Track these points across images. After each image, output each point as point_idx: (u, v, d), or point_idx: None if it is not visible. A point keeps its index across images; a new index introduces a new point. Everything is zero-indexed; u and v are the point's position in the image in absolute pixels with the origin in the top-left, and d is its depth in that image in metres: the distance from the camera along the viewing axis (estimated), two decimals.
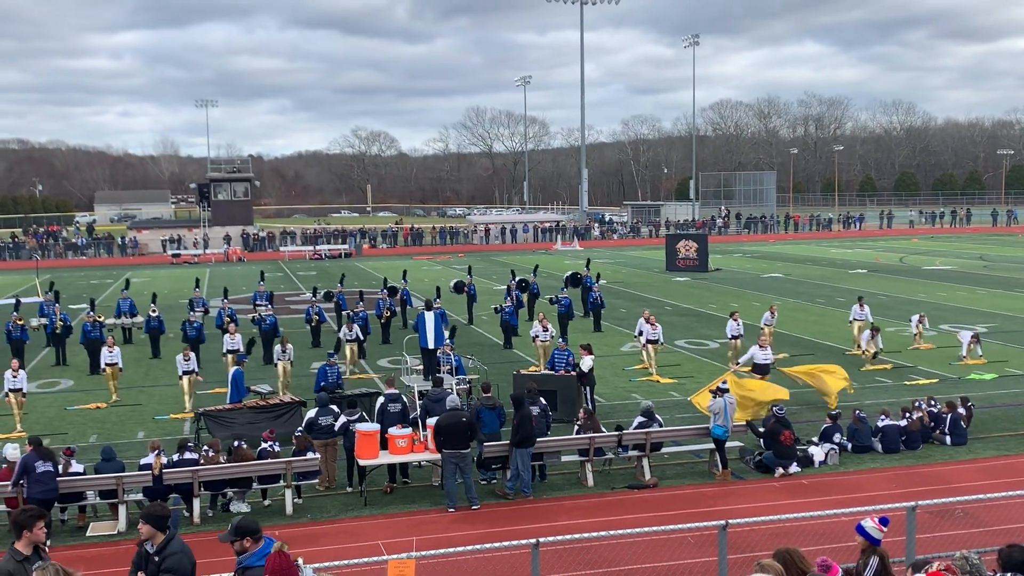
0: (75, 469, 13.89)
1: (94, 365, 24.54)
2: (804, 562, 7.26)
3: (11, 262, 64.93)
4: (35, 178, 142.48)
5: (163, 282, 47.65)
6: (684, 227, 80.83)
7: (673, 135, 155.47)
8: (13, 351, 24.78)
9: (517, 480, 14.58)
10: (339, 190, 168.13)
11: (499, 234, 78.62)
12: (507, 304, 27.69)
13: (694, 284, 43.77)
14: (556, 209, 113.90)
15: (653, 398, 19.67)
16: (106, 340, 23.18)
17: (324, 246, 68.57)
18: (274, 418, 17.53)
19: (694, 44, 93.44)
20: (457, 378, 18.72)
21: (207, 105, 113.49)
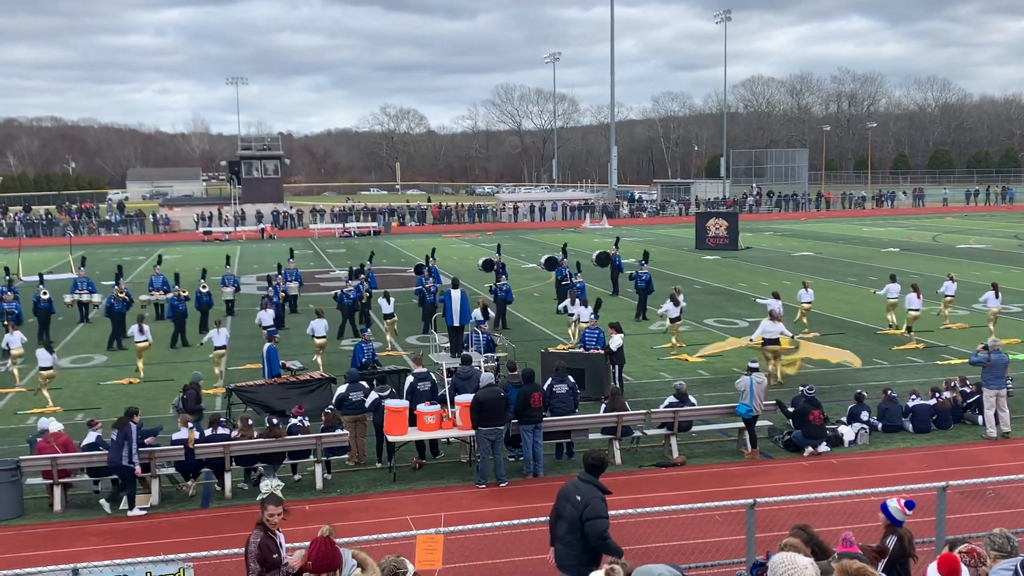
0: (88, 440, 14.07)
1: (115, 339, 24.82)
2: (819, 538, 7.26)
3: (45, 239, 65.72)
4: (68, 155, 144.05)
5: (195, 259, 48.03)
6: (714, 205, 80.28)
7: (704, 112, 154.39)
8: (41, 323, 25.11)
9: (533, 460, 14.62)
10: (368, 168, 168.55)
11: (527, 212, 78.49)
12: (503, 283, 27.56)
13: (724, 263, 43.51)
14: (585, 187, 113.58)
15: (682, 377, 19.65)
16: (138, 317, 23.45)
17: (353, 224, 68.78)
18: (304, 394, 17.66)
19: (726, 20, 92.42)
20: (485, 356, 18.76)
21: (237, 83, 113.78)
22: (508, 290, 27.36)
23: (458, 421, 14.63)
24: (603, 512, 8.42)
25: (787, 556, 6.21)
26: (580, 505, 8.46)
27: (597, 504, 8.44)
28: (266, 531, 7.87)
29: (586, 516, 8.38)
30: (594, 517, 8.36)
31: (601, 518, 8.37)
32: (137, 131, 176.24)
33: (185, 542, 11.93)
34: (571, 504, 8.57)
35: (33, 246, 57.87)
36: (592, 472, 8.73)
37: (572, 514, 8.52)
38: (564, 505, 8.67)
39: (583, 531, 8.42)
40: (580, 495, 8.54)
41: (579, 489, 8.61)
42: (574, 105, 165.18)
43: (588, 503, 8.42)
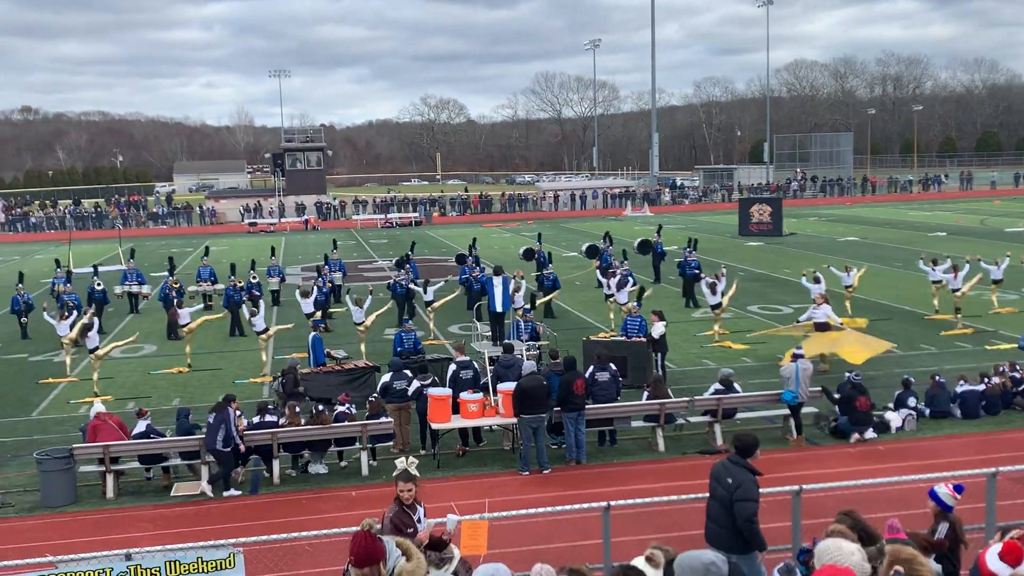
0: (139, 430, 14.35)
1: (173, 328, 25.27)
2: (868, 525, 7.21)
3: (95, 231, 66.81)
4: (116, 149, 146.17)
5: (240, 250, 48.60)
6: (758, 191, 79.52)
7: (746, 97, 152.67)
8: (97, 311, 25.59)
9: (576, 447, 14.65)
10: (409, 158, 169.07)
11: (568, 201, 78.29)
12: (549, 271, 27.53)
13: (768, 249, 43.12)
14: (626, 175, 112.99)
15: (726, 364, 19.54)
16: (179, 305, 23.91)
17: (395, 214, 69.12)
18: (349, 382, 17.88)
19: (768, 3, 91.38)
20: (527, 344, 18.81)
21: (280, 75, 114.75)
22: (555, 279, 27.34)
23: (500, 409, 14.71)
24: (754, 495, 8.48)
25: (833, 542, 6.18)
26: (731, 487, 8.52)
27: (748, 486, 8.50)
28: (401, 505, 8.16)
29: (736, 497, 8.44)
30: (744, 499, 8.41)
31: (751, 500, 8.43)
32: (183, 124, 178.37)
33: (234, 527, 12.13)
34: (722, 486, 8.62)
35: (83, 239, 58.88)
36: (742, 454, 8.75)
37: (723, 495, 8.58)
38: (715, 486, 8.73)
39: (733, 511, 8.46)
40: (731, 477, 8.59)
41: (729, 471, 8.65)
42: (614, 92, 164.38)
43: (739, 485, 8.49)
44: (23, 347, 25.00)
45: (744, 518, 8.40)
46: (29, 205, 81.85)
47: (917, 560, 6.10)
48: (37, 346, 24.95)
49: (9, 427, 17.66)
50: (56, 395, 19.94)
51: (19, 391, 20.30)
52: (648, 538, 11.08)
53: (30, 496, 13.88)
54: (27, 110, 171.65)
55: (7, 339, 26.05)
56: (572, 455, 14.64)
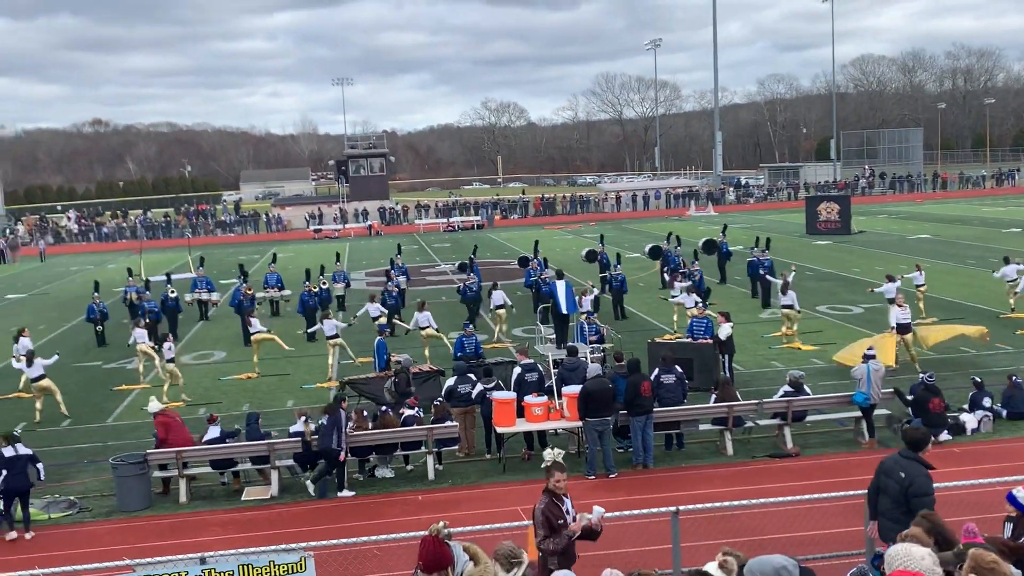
0: (211, 436, 14.58)
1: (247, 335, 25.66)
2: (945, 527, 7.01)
3: (165, 240, 68.33)
4: (184, 160, 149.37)
5: (305, 257, 49.26)
6: (825, 188, 78.23)
7: (812, 93, 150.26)
8: (169, 321, 26.16)
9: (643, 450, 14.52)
10: (470, 162, 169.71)
11: (630, 201, 77.88)
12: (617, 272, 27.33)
13: (836, 247, 42.38)
14: (689, 174, 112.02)
15: (795, 365, 19.24)
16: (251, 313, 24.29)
17: (457, 218, 69.46)
18: (415, 386, 17.95)
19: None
20: (591, 347, 18.72)
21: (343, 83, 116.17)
22: (623, 280, 27.21)
23: (565, 412, 14.65)
24: (930, 489, 8.44)
25: (903, 547, 6.05)
26: (904, 481, 8.49)
27: (923, 481, 8.45)
28: (552, 496, 8.31)
29: (913, 493, 8.40)
30: (921, 494, 8.36)
31: (928, 495, 8.36)
32: (249, 134, 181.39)
33: (304, 532, 12.26)
34: (893, 480, 8.59)
35: (154, 248, 60.27)
36: (914, 448, 8.69)
37: (895, 489, 8.54)
38: (886, 481, 8.68)
39: (908, 506, 8.38)
40: (903, 471, 8.55)
41: (901, 465, 8.61)
42: (676, 91, 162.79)
43: (913, 480, 8.45)
44: (98, 355, 25.63)
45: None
46: (101, 215, 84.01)
47: (1000, 566, 5.92)
48: (111, 354, 25.55)
49: (85, 433, 18.11)
50: (130, 401, 20.39)
51: (94, 398, 20.81)
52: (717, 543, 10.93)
53: (107, 501, 14.20)
54: (98, 122, 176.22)
55: (83, 347, 26.73)
56: (639, 459, 14.52)
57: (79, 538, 12.94)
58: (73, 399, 20.30)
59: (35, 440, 17.76)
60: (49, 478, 14.91)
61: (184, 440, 14.51)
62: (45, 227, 72.26)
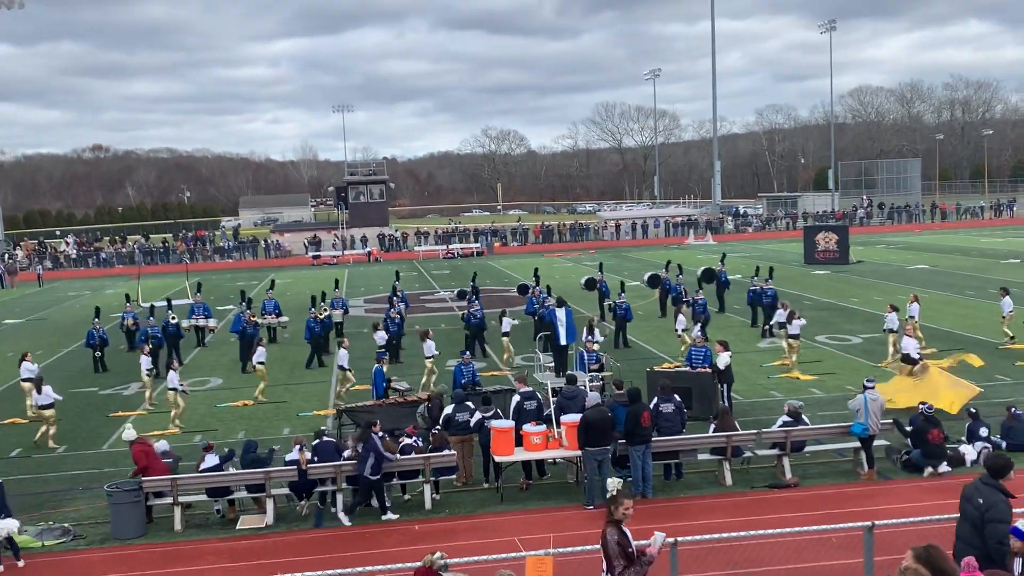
0: (208, 464, 14.49)
1: (246, 361, 25.59)
2: (946, 561, 6.93)
3: (163, 266, 68.31)
4: (183, 185, 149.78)
5: (304, 283, 49.24)
6: (823, 218, 78.40)
7: (810, 124, 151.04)
8: (170, 347, 26.08)
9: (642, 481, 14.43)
10: (470, 189, 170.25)
11: (630, 230, 78.03)
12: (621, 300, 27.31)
13: (835, 277, 42.40)
14: (688, 203, 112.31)
15: (793, 395, 19.19)
16: (257, 340, 24.22)
17: (456, 245, 69.53)
18: (411, 414, 17.86)
19: (831, 29, 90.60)
20: (590, 375, 18.66)
21: (344, 110, 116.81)
22: (627, 308, 27.12)
23: (564, 441, 14.58)
24: (1006, 516, 8.36)
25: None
26: (982, 508, 8.42)
27: (1000, 507, 8.39)
28: (619, 526, 8.32)
29: (989, 518, 8.33)
30: (995, 520, 8.29)
31: (1002, 522, 8.30)
32: (248, 160, 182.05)
33: (299, 561, 12.14)
34: (972, 506, 8.52)
35: (152, 273, 60.24)
36: (995, 475, 8.63)
37: (973, 515, 8.46)
38: (965, 506, 8.62)
39: (984, 532, 8.34)
40: (982, 497, 8.48)
41: (981, 491, 8.55)
42: (675, 121, 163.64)
43: (990, 506, 8.37)
44: (94, 381, 25.53)
45: (995, 539, 8.26)
46: (100, 240, 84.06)
47: None
48: (108, 380, 25.47)
49: (80, 460, 18.00)
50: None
51: (90, 424, 20.71)
52: (716, 574, 10.86)
53: (101, 528, 14.09)
54: (98, 148, 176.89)
55: (79, 373, 26.64)
56: (638, 489, 14.42)
57: (72, 566, 12.83)
58: (69, 425, 20.20)
59: (30, 466, 17.70)
60: (44, 505, 14.81)
61: (160, 469, 14.45)
62: (44, 252, 72.27)
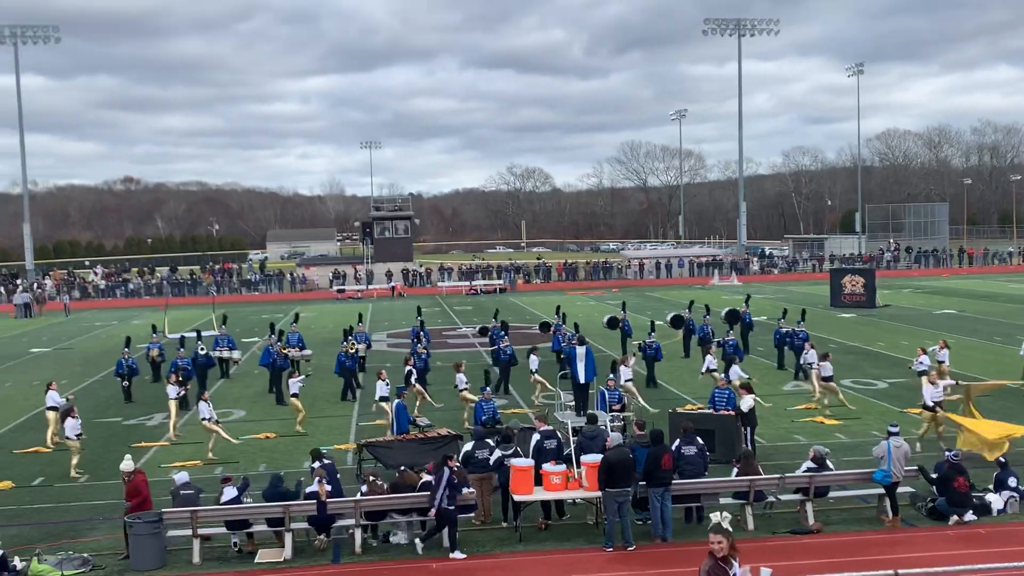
0: (228, 496, 14.49)
1: (277, 392, 25.66)
2: None
3: (190, 298, 68.83)
4: (212, 218, 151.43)
5: (328, 316, 49.46)
6: (850, 261, 78.01)
7: (837, 166, 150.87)
8: (200, 378, 26.22)
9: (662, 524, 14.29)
10: (494, 226, 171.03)
11: (653, 269, 77.95)
12: (651, 340, 27.21)
13: (861, 320, 42.09)
14: (713, 243, 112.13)
15: (818, 440, 19.01)
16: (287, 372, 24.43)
17: (480, 281, 69.67)
18: (433, 450, 17.81)
19: (858, 72, 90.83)
20: (611, 415, 18.57)
21: (371, 147, 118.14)
22: (658, 347, 26.99)
23: (584, 482, 14.48)
24: None
25: None
26: None
27: None
28: (714, 558, 8.29)
29: None
30: None
31: None
32: (277, 194, 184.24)
33: None
34: None
35: (179, 305, 60.70)
36: None
37: None
38: None
39: None
40: None
41: None
42: (701, 161, 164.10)
43: None
44: (118, 411, 25.67)
45: None
46: (128, 272, 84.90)
47: None
48: (132, 410, 25.60)
49: (101, 490, 18.06)
50: (148, 459, 20.35)
51: (113, 454, 20.76)
52: None
53: (120, 559, 14.08)
54: (129, 180, 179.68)
55: (104, 403, 26.80)
56: (658, 532, 14.28)
57: None
58: (92, 455, 20.29)
59: (52, 495, 17.79)
60: (63, 534, 14.85)
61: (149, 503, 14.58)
62: (72, 282, 73.04)
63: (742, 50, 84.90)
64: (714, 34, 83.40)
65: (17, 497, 17.69)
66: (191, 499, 14.69)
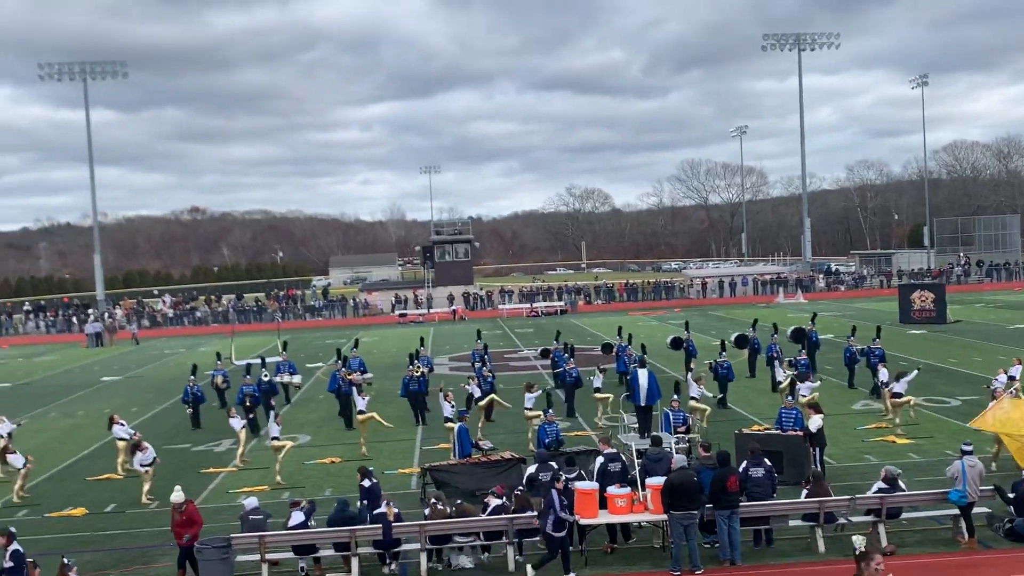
0: (295, 521, 14.58)
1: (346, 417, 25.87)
2: None
3: (255, 324, 69.92)
4: (276, 245, 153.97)
5: (391, 341, 49.81)
6: (919, 276, 76.38)
7: (903, 179, 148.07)
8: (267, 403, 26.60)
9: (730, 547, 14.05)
10: (554, 248, 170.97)
11: (716, 287, 77.15)
12: (723, 359, 26.86)
13: (932, 337, 41.12)
14: (777, 260, 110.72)
15: (889, 460, 18.56)
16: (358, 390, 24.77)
17: (540, 303, 69.63)
18: (496, 474, 17.80)
19: (922, 84, 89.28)
20: (676, 437, 18.36)
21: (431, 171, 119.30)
22: (729, 367, 26.63)
23: (649, 504, 14.32)
24: None
25: None
26: None
27: None
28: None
29: None
30: None
31: None
32: (339, 220, 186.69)
33: None
34: None
35: (245, 331, 61.68)
36: None
37: None
38: None
39: None
40: None
41: None
42: (763, 177, 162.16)
43: None
44: (187, 437, 26.09)
45: None
46: (195, 300, 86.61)
47: None
48: (200, 437, 26.00)
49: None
50: (216, 485, 20.64)
51: (182, 480, 20.98)
52: None
53: None
54: (196, 210, 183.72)
55: (173, 429, 27.27)
56: (726, 555, 14.05)
57: None
58: (162, 481, 20.59)
59: (123, 521, 18.11)
60: (135, 560, 15.08)
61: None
62: (141, 311, 74.72)
63: (803, 64, 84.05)
64: (773, 49, 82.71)
65: (90, 523, 18.05)
66: (259, 524, 14.81)
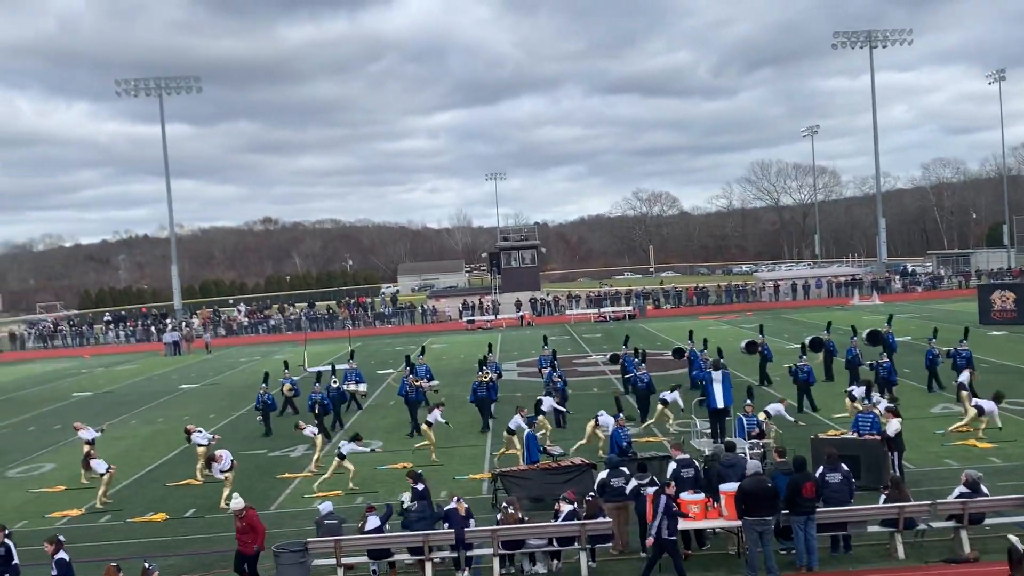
0: (371, 525, 14.71)
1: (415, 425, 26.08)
2: None
3: (327, 332, 70.86)
4: (346, 254, 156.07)
5: (459, 347, 50.08)
6: (999, 276, 74.26)
7: (981, 177, 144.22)
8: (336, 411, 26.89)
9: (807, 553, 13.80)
10: (621, 252, 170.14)
11: (789, 290, 75.97)
12: (803, 363, 26.37)
13: (1013, 338, 39.93)
14: (852, 262, 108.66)
15: (970, 464, 18.08)
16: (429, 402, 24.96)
17: (608, 308, 69.36)
18: (566, 480, 17.74)
19: (999, 79, 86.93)
20: (750, 442, 18.12)
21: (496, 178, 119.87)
22: (809, 371, 26.14)
23: (723, 511, 14.15)
24: None
25: None
26: None
27: None
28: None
29: None
30: None
31: None
32: (407, 228, 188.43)
33: None
34: None
35: (317, 339, 62.56)
36: None
37: None
38: None
39: None
40: None
41: None
42: (835, 178, 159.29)
43: None
44: (263, 443, 26.55)
45: None
46: (269, 308, 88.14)
47: None
48: (275, 443, 26.44)
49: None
50: (292, 490, 20.95)
51: (259, 485, 21.48)
52: None
53: None
54: (268, 220, 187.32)
55: (250, 435, 27.76)
56: (802, 561, 13.82)
57: None
58: (239, 486, 20.88)
59: (202, 526, 18.48)
60: (214, 564, 15.37)
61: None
62: (217, 320, 76.30)
63: (875, 62, 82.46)
64: (844, 47, 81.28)
65: (171, 529, 18.46)
66: (334, 529, 14.98)
